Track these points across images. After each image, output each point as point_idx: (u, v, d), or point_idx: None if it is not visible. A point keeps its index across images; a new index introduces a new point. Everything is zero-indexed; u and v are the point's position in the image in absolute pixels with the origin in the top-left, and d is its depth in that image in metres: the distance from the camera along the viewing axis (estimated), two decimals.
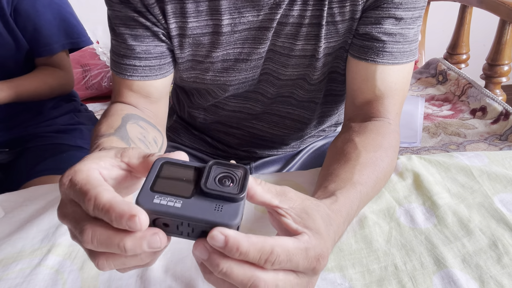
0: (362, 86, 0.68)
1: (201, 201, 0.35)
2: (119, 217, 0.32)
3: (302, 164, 0.93)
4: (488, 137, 1.17)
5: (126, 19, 0.65)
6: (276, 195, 0.39)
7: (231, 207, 0.35)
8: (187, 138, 0.95)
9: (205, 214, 0.34)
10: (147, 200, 0.34)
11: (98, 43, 1.87)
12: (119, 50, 0.68)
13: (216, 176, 0.36)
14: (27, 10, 0.99)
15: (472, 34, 1.56)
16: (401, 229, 0.59)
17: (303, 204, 0.41)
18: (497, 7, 1.29)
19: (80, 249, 0.58)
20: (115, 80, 0.71)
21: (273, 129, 0.85)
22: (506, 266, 0.52)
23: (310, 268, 0.37)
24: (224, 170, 0.37)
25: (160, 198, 0.35)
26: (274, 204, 0.39)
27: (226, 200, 0.35)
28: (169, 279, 0.52)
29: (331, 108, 0.84)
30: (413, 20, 0.65)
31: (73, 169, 0.37)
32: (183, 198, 0.35)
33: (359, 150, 0.59)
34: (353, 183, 0.53)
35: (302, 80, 0.74)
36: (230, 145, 0.91)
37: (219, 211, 0.35)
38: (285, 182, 0.69)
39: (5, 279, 0.53)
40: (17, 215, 0.64)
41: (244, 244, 0.34)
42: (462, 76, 1.42)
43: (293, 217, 0.39)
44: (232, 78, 0.73)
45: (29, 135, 1.10)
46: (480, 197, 0.64)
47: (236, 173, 0.37)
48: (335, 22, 0.66)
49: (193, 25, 0.65)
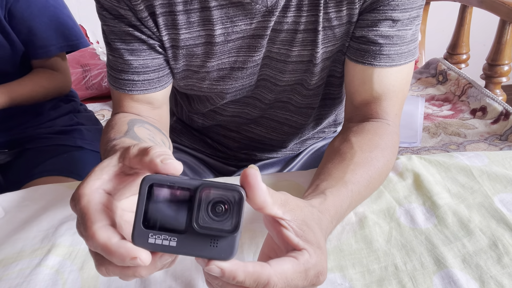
0: (360, 88, 0.68)
1: (195, 237, 0.35)
2: (121, 259, 0.34)
3: (302, 165, 0.93)
4: (488, 137, 1.17)
5: (121, 34, 0.64)
6: (281, 206, 0.39)
7: (226, 242, 0.35)
8: (187, 138, 0.95)
9: (200, 251, 0.35)
10: (142, 240, 0.34)
11: (98, 43, 1.87)
12: (116, 65, 0.67)
13: (208, 203, 0.34)
14: (22, 13, 0.99)
15: (472, 34, 1.56)
16: (401, 229, 0.59)
17: (303, 214, 0.41)
18: (497, 7, 1.29)
19: (80, 249, 0.58)
20: (114, 94, 0.70)
21: (271, 134, 0.85)
22: (506, 266, 0.52)
23: (309, 285, 0.39)
24: (216, 195, 0.35)
25: (155, 237, 0.34)
26: (278, 216, 0.39)
27: (221, 237, 0.35)
28: (169, 279, 0.52)
29: (328, 111, 0.84)
30: (410, 21, 0.64)
31: (78, 192, 0.38)
32: (177, 235, 0.34)
33: (354, 150, 0.59)
34: (345, 182, 0.54)
35: (300, 85, 0.74)
36: (230, 147, 0.91)
37: (214, 247, 0.35)
38: (285, 182, 0.69)
39: (5, 279, 0.53)
40: (17, 215, 0.64)
41: (240, 275, 0.35)
42: (462, 76, 1.42)
43: (294, 230, 0.39)
44: (228, 86, 0.72)
45: (28, 136, 1.10)
46: (480, 197, 0.64)
47: (229, 198, 0.35)
48: (332, 27, 0.65)
49: (185, 36, 0.65)
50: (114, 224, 0.36)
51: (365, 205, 0.63)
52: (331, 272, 0.52)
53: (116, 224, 0.37)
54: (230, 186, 0.35)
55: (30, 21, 1.00)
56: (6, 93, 0.98)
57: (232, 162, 0.93)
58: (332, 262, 0.54)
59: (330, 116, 0.87)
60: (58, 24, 1.05)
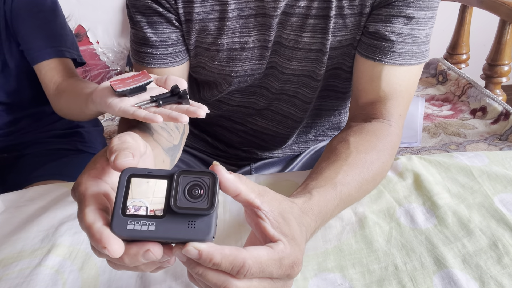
0: (367, 86, 0.68)
1: (174, 220, 0.36)
2: (96, 243, 0.35)
3: (303, 166, 0.93)
4: (488, 137, 1.17)
5: (141, 7, 0.67)
6: (259, 195, 0.41)
7: (203, 222, 0.36)
8: (188, 138, 0.95)
9: (179, 233, 0.35)
10: (120, 227, 0.35)
11: (98, 43, 1.87)
12: (137, 38, 0.70)
13: (184, 187, 0.36)
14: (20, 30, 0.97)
15: (472, 34, 1.56)
16: (401, 229, 0.59)
17: (280, 208, 0.42)
18: (497, 7, 1.29)
19: (80, 249, 0.58)
20: (135, 69, 0.73)
21: (276, 127, 0.85)
22: (506, 266, 0.52)
23: (284, 275, 0.40)
24: (192, 179, 0.36)
25: (133, 223, 0.35)
26: (256, 205, 0.40)
27: (198, 216, 0.36)
28: (169, 279, 0.52)
29: (329, 103, 0.83)
30: (425, 21, 0.65)
31: (77, 182, 0.40)
32: (156, 220, 0.35)
33: (350, 151, 0.59)
34: (334, 183, 0.54)
35: (307, 77, 0.74)
36: (231, 144, 0.91)
37: (192, 228, 0.36)
38: (285, 182, 0.69)
39: (5, 279, 0.53)
40: (17, 215, 0.64)
41: (217, 257, 0.36)
42: (462, 76, 1.42)
43: (271, 221, 0.41)
44: (238, 69, 0.73)
45: (28, 141, 1.09)
46: (480, 197, 0.64)
47: (205, 180, 0.37)
48: (344, 16, 0.66)
49: (199, 10, 0.67)
50: (107, 209, 0.38)
51: (365, 205, 0.63)
52: (331, 272, 0.52)
53: (108, 209, 0.38)
54: (204, 170, 0.37)
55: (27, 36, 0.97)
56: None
57: (233, 161, 0.93)
58: (332, 262, 0.54)
59: (330, 111, 0.86)
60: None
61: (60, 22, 0.97)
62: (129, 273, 0.54)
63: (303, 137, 0.90)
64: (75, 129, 1.14)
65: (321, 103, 0.82)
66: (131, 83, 0.55)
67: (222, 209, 0.64)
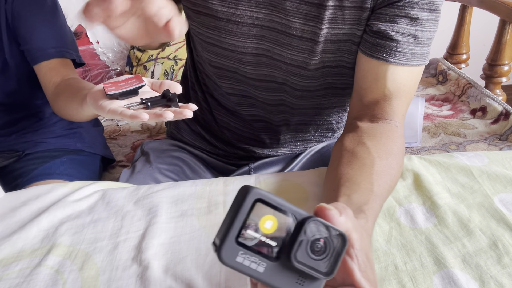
0: (372, 85, 0.68)
1: (285, 269, 0.33)
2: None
3: (302, 166, 0.92)
4: (488, 137, 1.17)
5: None
6: (354, 229, 0.37)
7: (313, 284, 0.34)
8: (187, 134, 0.96)
9: (285, 285, 0.33)
10: (230, 257, 0.32)
11: (98, 43, 1.87)
12: None
13: (310, 238, 0.33)
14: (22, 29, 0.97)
15: (472, 34, 1.56)
16: (401, 229, 0.59)
17: (364, 243, 0.39)
18: (497, 7, 1.29)
19: (80, 249, 0.58)
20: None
21: (268, 115, 0.84)
22: (506, 266, 0.52)
23: None
24: (321, 232, 0.33)
25: (244, 256, 0.32)
26: (352, 242, 0.37)
27: (310, 277, 0.33)
28: (169, 279, 0.52)
29: (329, 100, 0.83)
30: (429, 23, 0.65)
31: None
32: (268, 261, 0.33)
33: (373, 156, 0.58)
34: (375, 196, 0.53)
35: (296, 67, 0.73)
36: (229, 141, 0.91)
37: (300, 285, 0.33)
38: (285, 182, 0.69)
39: (5, 279, 0.53)
40: (17, 215, 0.64)
41: None
42: (462, 76, 1.42)
43: (359, 263, 0.38)
44: (239, 13, 0.70)
45: (28, 141, 1.09)
46: (480, 197, 0.64)
47: (333, 239, 0.33)
48: (343, 7, 0.66)
49: None
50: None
51: None
52: None
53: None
54: (336, 228, 0.34)
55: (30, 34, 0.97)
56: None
57: (232, 161, 0.93)
58: None
59: (329, 109, 0.86)
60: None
61: (60, 22, 0.97)
62: (129, 273, 0.54)
63: (301, 135, 0.90)
64: (75, 129, 1.14)
65: (320, 102, 0.82)
66: (124, 86, 0.56)
67: (224, 211, 0.64)
